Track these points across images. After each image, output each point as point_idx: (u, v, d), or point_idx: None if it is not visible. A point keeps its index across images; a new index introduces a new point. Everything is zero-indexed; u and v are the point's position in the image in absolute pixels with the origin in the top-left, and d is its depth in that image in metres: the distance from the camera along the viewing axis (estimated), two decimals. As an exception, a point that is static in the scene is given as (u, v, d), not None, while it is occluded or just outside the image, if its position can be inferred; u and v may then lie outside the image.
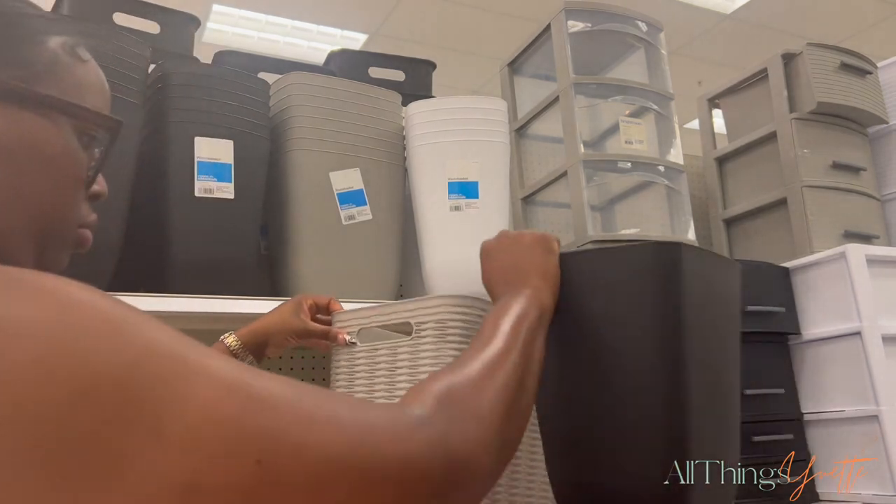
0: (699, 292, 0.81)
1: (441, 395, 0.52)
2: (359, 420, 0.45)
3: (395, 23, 4.39)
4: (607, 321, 0.80)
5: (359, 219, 1.45)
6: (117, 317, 0.40)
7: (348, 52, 1.77)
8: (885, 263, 1.77)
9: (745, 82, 2.18)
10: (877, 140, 2.17)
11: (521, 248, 0.79)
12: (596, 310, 0.80)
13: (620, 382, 0.79)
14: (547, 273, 0.78)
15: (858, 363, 1.67)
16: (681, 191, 1.73)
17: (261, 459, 0.39)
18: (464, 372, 0.58)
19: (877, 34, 4.70)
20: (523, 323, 0.68)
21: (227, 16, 4.24)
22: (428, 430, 0.48)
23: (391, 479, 0.44)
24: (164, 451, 0.37)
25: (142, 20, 1.48)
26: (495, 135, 1.54)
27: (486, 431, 0.53)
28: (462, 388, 0.55)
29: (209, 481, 0.38)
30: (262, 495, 0.39)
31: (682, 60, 4.70)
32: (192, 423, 0.38)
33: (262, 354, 1.05)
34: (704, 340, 0.81)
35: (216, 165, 1.30)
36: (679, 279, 0.78)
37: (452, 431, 0.50)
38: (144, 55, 1.25)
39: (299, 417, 0.42)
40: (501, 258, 0.79)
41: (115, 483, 0.36)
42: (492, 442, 0.53)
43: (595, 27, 1.76)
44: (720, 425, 0.85)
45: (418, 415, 0.49)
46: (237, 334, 1.03)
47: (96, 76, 0.63)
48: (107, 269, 1.19)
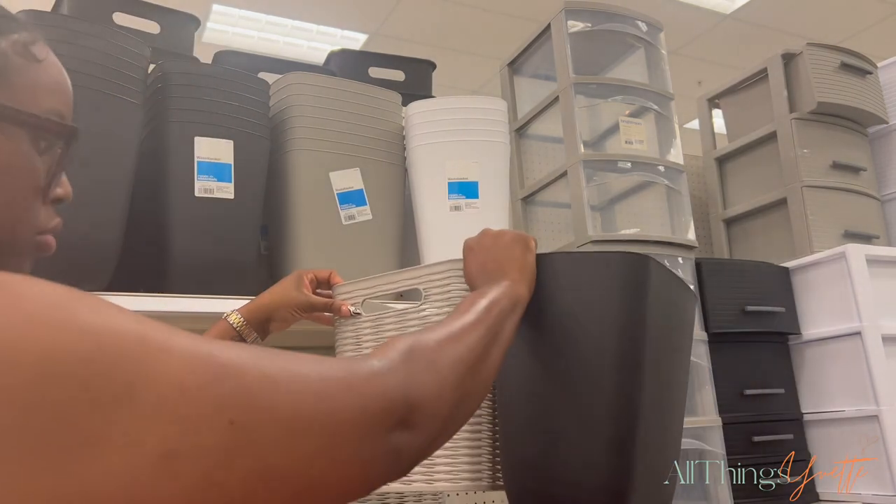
0: (661, 306, 0.87)
1: (404, 349, 0.56)
2: (321, 374, 0.48)
3: (395, 23, 4.39)
4: (573, 322, 0.85)
5: (359, 219, 1.45)
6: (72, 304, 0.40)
7: (348, 52, 1.77)
8: (885, 263, 1.77)
9: (745, 82, 2.18)
10: (877, 140, 2.17)
11: (502, 246, 0.84)
12: (564, 310, 0.85)
13: (577, 380, 0.84)
14: (524, 268, 0.83)
15: (858, 363, 1.67)
16: (681, 191, 1.73)
17: (233, 420, 0.41)
18: (430, 333, 0.62)
19: (877, 34, 4.71)
20: (496, 305, 0.73)
21: (227, 16, 4.24)
22: (386, 377, 0.52)
23: (353, 422, 0.48)
24: (138, 421, 0.38)
25: (142, 20, 1.48)
26: (495, 135, 1.54)
27: (443, 384, 0.57)
28: (426, 344, 0.59)
29: (185, 447, 0.39)
30: (238, 454, 0.41)
31: (682, 60, 4.71)
32: (162, 394, 0.39)
33: (267, 331, 1.05)
34: (660, 353, 0.86)
35: (216, 165, 1.30)
36: (644, 291, 0.84)
37: (410, 380, 0.54)
38: (144, 55, 1.25)
39: (265, 378, 0.44)
40: (483, 254, 0.85)
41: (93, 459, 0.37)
42: (447, 395, 0.58)
43: (595, 27, 1.76)
44: (664, 433, 0.90)
45: (379, 365, 0.53)
46: (240, 311, 1.03)
47: (53, 75, 0.61)
48: (107, 269, 1.19)
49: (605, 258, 0.87)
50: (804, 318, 1.81)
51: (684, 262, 1.67)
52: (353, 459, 0.48)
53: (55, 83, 0.61)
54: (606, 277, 0.85)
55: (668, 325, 0.90)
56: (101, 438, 0.37)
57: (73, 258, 1.15)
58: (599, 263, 0.86)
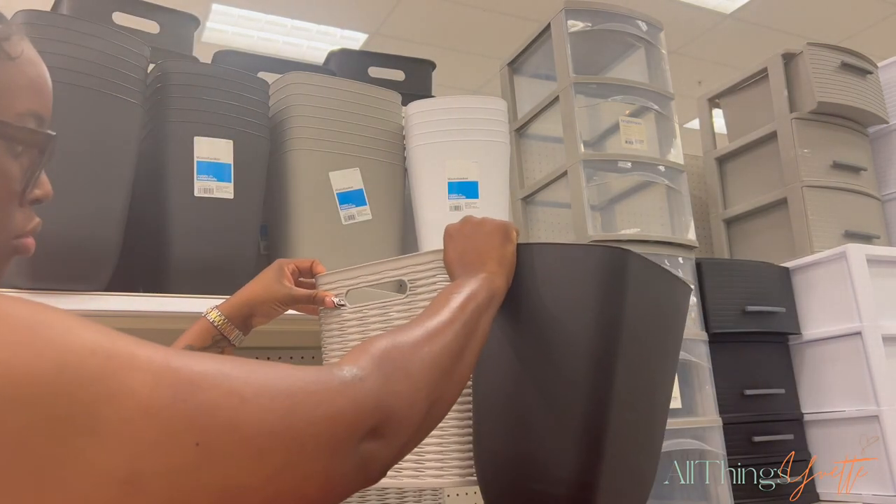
0: (642, 303, 0.85)
1: (377, 354, 0.55)
2: (289, 388, 0.47)
3: (395, 23, 4.38)
4: (550, 314, 0.84)
5: (359, 219, 1.45)
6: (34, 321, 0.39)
7: (348, 52, 1.77)
8: (886, 263, 1.77)
9: (745, 82, 2.18)
10: (877, 140, 2.17)
11: (482, 235, 0.83)
12: (542, 301, 0.85)
13: (551, 372, 0.84)
14: (503, 259, 0.82)
15: (858, 363, 1.67)
16: (681, 191, 1.73)
17: (199, 441, 0.41)
18: (405, 335, 0.61)
19: (877, 34, 4.70)
20: (472, 301, 0.72)
21: (226, 15, 4.24)
22: (358, 386, 0.51)
23: (321, 436, 0.47)
24: (101, 446, 0.37)
25: (141, 20, 1.48)
26: (495, 135, 1.54)
27: (416, 392, 0.57)
28: (399, 348, 0.58)
29: (150, 468, 0.39)
30: (203, 472, 0.41)
31: (682, 60, 4.71)
32: (126, 416, 0.39)
33: (250, 326, 1.01)
34: (638, 349, 0.85)
35: (216, 165, 1.30)
36: (623, 287, 0.83)
37: (383, 387, 0.53)
38: (144, 55, 1.25)
39: (231, 394, 0.43)
40: (463, 242, 0.83)
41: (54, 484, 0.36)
42: (419, 400, 0.57)
43: (595, 27, 1.76)
44: (640, 433, 0.89)
45: (350, 373, 0.52)
46: (220, 308, 0.99)
47: (28, 74, 0.58)
48: (106, 269, 1.18)
49: (584, 251, 0.86)
50: (804, 318, 1.81)
51: (684, 262, 1.67)
52: (321, 473, 0.47)
53: (30, 82, 0.58)
54: (584, 271, 0.84)
55: (651, 322, 0.89)
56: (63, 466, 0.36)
57: (72, 258, 1.15)
58: (578, 256, 0.85)
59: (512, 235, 0.85)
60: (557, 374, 0.83)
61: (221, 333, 0.98)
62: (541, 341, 0.84)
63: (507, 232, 0.84)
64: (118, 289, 1.18)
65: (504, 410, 0.87)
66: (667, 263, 1.62)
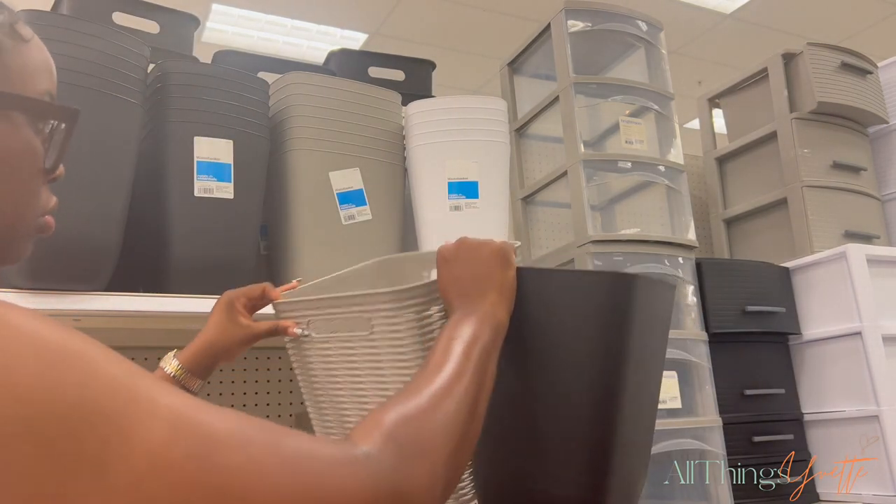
0: (643, 323, 0.84)
1: (390, 430, 0.52)
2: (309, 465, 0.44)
3: (395, 23, 4.38)
4: (554, 339, 0.81)
5: (359, 219, 1.45)
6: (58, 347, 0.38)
7: (348, 52, 1.77)
8: (886, 263, 1.77)
9: (745, 82, 2.18)
10: (877, 140, 2.17)
11: (480, 261, 0.78)
12: (545, 326, 0.81)
13: (557, 396, 0.81)
14: (503, 287, 0.77)
15: (858, 363, 1.67)
16: (681, 191, 1.73)
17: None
18: (414, 403, 0.57)
19: (877, 34, 4.70)
20: (476, 345, 0.68)
21: (226, 15, 4.24)
22: (375, 468, 0.48)
23: None
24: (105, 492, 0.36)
25: (141, 20, 1.48)
26: (495, 135, 1.54)
27: (434, 467, 0.53)
28: (411, 421, 0.54)
29: None
30: None
31: (682, 60, 4.70)
32: (137, 468, 0.37)
33: (213, 370, 0.95)
34: (640, 367, 0.84)
35: (216, 165, 1.30)
36: (629, 314, 0.80)
37: (400, 469, 0.50)
38: (144, 55, 1.25)
39: (249, 462, 0.41)
40: (459, 268, 0.78)
41: None
42: (439, 478, 0.53)
43: (595, 27, 1.76)
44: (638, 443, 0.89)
45: (366, 452, 0.49)
46: (179, 358, 0.92)
47: (42, 55, 0.59)
48: (106, 269, 1.18)
49: (590, 280, 0.84)
50: (804, 318, 1.81)
51: (684, 262, 1.67)
52: None
53: (44, 62, 0.59)
54: (591, 301, 0.81)
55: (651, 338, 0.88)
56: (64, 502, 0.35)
57: (72, 258, 1.15)
58: (583, 286, 0.83)
59: (511, 259, 0.80)
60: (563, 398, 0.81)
61: (182, 385, 0.91)
62: (543, 365, 0.82)
63: (507, 256, 0.79)
64: (118, 289, 1.18)
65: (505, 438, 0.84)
66: (667, 263, 1.62)
